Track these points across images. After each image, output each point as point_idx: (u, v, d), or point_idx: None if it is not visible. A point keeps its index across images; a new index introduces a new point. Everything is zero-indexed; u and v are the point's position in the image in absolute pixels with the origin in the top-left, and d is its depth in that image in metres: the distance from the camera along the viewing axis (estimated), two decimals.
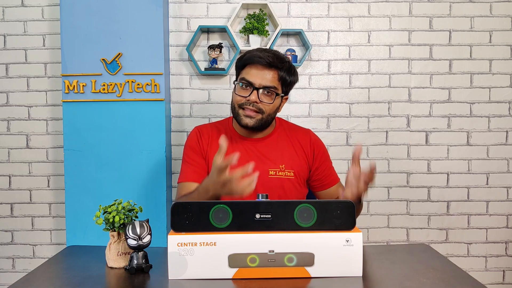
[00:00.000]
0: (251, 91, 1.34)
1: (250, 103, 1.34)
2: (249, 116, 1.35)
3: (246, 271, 0.94)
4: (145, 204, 1.93)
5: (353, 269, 0.95)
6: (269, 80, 1.35)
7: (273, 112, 1.39)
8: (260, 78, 1.34)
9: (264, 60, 1.33)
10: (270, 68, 1.35)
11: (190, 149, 1.43)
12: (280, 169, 1.40)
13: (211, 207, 0.95)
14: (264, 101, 1.35)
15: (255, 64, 1.35)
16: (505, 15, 2.13)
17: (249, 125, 1.36)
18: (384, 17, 2.13)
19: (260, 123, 1.36)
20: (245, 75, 1.36)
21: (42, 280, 0.98)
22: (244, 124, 1.36)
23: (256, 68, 1.35)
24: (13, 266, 2.17)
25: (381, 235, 2.18)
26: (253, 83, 1.33)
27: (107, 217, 1.04)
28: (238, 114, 1.37)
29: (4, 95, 2.12)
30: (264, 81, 1.34)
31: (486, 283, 2.13)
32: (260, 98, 1.34)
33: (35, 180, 2.15)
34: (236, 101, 1.37)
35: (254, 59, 1.35)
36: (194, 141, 1.44)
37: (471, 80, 2.15)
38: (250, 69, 1.36)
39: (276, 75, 1.35)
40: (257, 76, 1.34)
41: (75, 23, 1.92)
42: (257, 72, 1.34)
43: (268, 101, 1.35)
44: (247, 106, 1.34)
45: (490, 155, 2.17)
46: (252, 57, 1.35)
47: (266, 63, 1.33)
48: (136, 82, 1.95)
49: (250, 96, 1.33)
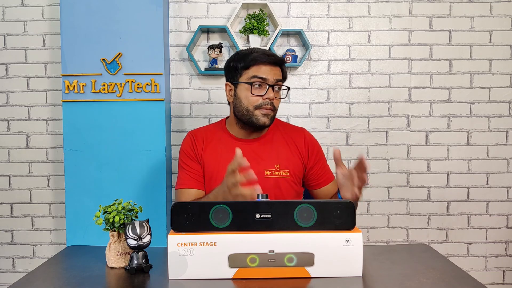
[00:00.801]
0: (267, 89, 1.35)
1: (268, 102, 1.35)
2: (266, 115, 1.36)
3: (246, 271, 0.94)
4: (145, 204, 1.93)
5: (353, 269, 0.95)
6: (279, 75, 1.38)
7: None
8: (272, 74, 1.36)
9: (271, 59, 1.36)
10: (275, 65, 1.38)
11: (185, 155, 1.44)
12: (276, 168, 1.40)
13: (211, 207, 0.95)
14: (278, 97, 1.39)
15: (262, 63, 1.36)
16: (505, 15, 2.13)
17: (266, 124, 1.37)
18: (384, 17, 2.13)
19: (272, 120, 1.39)
20: (256, 73, 1.35)
21: (42, 280, 0.98)
22: (262, 123, 1.36)
23: (264, 66, 1.36)
24: (13, 266, 2.17)
25: (381, 235, 2.18)
26: (268, 79, 1.35)
27: (107, 217, 1.04)
28: (253, 115, 1.36)
29: (4, 95, 2.12)
30: (276, 76, 1.37)
31: (486, 283, 2.13)
32: (275, 94, 1.37)
33: (35, 180, 2.15)
34: (252, 102, 1.36)
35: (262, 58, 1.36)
36: (189, 146, 1.44)
37: (471, 80, 2.15)
38: (259, 68, 1.36)
39: (280, 71, 1.39)
40: (269, 73, 1.36)
41: (75, 23, 1.92)
42: (266, 69, 1.36)
43: (281, 96, 1.41)
44: (265, 106, 1.35)
45: (490, 155, 2.17)
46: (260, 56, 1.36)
47: (273, 61, 1.37)
48: (136, 82, 1.95)
49: (268, 94, 1.35)
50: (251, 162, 1.39)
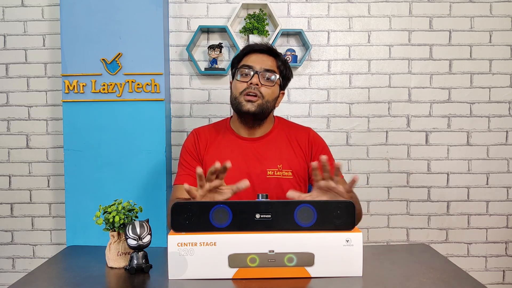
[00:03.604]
0: (252, 75, 1.34)
1: (252, 87, 1.34)
2: (250, 101, 1.34)
3: (246, 271, 0.94)
4: (145, 204, 1.93)
5: (353, 269, 0.95)
6: (269, 65, 1.37)
7: (273, 100, 1.39)
8: (260, 62, 1.36)
9: (262, 47, 1.36)
10: (269, 55, 1.37)
11: (186, 152, 1.44)
12: (278, 169, 1.40)
13: (211, 207, 0.95)
14: (267, 84, 1.36)
15: (254, 52, 1.37)
16: (505, 15, 2.13)
17: (251, 111, 1.34)
18: (384, 17, 2.13)
19: (261, 108, 1.35)
20: (245, 61, 1.37)
21: (42, 280, 0.98)
22: (246, 110, 1.34)
23: (255, 55, 1.37)
24: (13, 266, 2.17)
25: (381, 235, 2.18)
26: (254, 67, 1.35)
27: (107, 217, 1.04)
28: (239, 102, 1.35)
29: (4, 95, 2.12)
30: (264, 64, 1.36)
31: (486, 283, 2.13)
32: (261, 81, 1.35)
33: (35, 180, 2.15)
34: (237, 89, 1.36)
35: (253, 47, 1.37)
36: (191, 144, 1.44)
37: (471, 80, 2.15)
38: (250, 56, 1.38)
39: (274, 62, 1.38)
40: (257, 61, 1.36)
41: (75, 23, 1.92)
42: (256, 58, 1.37)
43: (270, 84, 1.36)
44: (249, 90, 1.34)
45: (490, 155, 2.17)
46: (250, 46, 1.38)
47: (265, 50, 1.37)
48: (136, 82, 1.94)
49: (252, 79, 1.34)
50: (253, 162, 1.39)
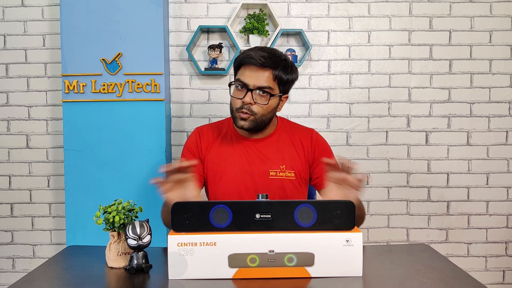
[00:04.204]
0: (246, 93, 1.32)
1: (245, 106, 1.32)
2: (243, 119, 1.33)
3: (246, 271, 0.94)
4: (145, 204, 1.91)
5: (353, 269, 0.95)
6: (264, 81, 1.32)
7: (269, 112, 1.36)
8: (254, 79, 1.31)
9: (256, 61, 1.30)
10: (264, 68, 1.32)
11: (187, 150, 1.44)
12: (281, 169, 1.39)
13: (211, 207, 0.95)
14: (259, 102, 1.32)
15: (249, 65, 1.33)
16: (505, 15, 2.13)
17: (244, 127, 1.35)
18: (384, 17, 2.13)
19: (254, 124, 1.35)
20: (240, 76, 1.34)
21: (42, 280, 0.98)
22: (240, 126, 1.35)
23: (250, 69, 1.32)
24: (13, 266, 2.17)
25: (381, 235, 2.18)
26: (248, 84, 1.31)
27: (107, 217, 1.04)
28: (235, 116, 1.36)
29: (4, 95, 2.12)
30: (259, 81, 1.31)
31: (486, 283, 2.13)
32: (255, 99, 1.32)
33: (35, 180, 2.15)
34: (234, 104, 1.36)
35: (247, 60, 1.33)
36: (193, 143, 1.44)
37: (471, 80, 2.15)
38: (245, 70, 1.34)
39: (270, 74, 1.32)
40: (251, 77, 1.32)
41: (75, 23, 1.92)
42: (251, 73, 1.32)
43: (263, 102, 1.33)
44: (242, 110, 1.33)
45: (490, 155, 2.17)
46: (246, 57, 1.33)
47: (259, 64, 1.31)
48: (136, 82, 1.94)
49: (245, 98, 1.32)
50: (256, 162, 1.39)
